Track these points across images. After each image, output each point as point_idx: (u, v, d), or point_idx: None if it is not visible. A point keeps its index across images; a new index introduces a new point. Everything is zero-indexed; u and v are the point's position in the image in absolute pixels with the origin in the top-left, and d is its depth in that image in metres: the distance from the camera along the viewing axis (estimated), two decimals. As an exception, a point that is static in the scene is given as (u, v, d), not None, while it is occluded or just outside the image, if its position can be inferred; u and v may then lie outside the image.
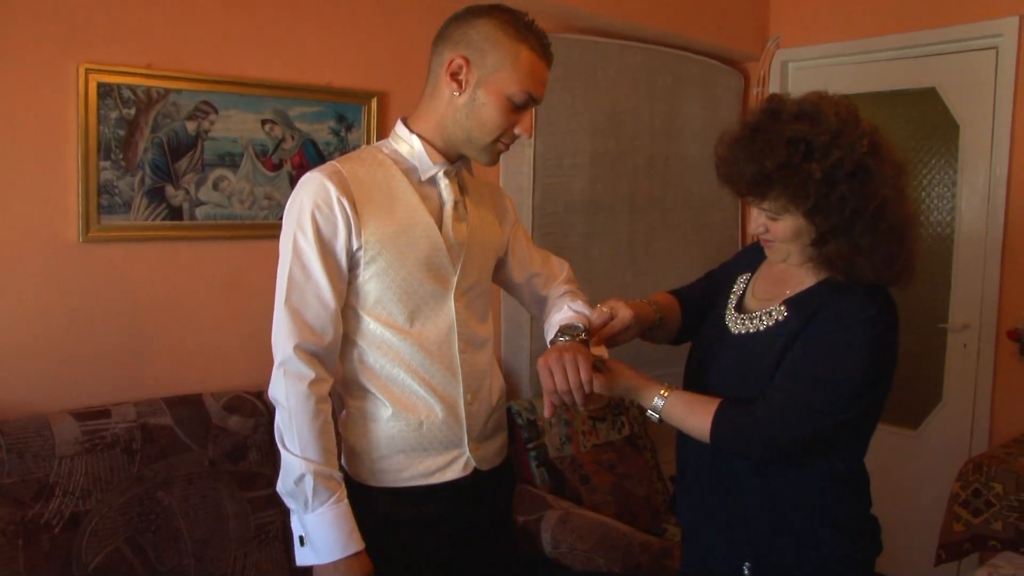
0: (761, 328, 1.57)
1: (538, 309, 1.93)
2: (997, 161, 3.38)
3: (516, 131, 1.61)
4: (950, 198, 3.57)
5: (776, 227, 1.51)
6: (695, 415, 1.53)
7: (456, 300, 1.66)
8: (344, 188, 1.55)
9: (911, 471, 3.64)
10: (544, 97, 1.63)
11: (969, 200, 3.50)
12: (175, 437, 2.25)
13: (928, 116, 3.61)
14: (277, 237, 1.60)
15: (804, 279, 1.57)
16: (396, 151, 1.66)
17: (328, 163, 1.61)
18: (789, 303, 1.55)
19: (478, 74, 1.56)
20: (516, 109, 1.58)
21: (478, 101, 1.57)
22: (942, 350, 3.59)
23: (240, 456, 2.34)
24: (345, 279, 1.58)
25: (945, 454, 3.51)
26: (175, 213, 2.41)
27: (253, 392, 2.45)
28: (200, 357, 2.50)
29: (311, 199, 1.54)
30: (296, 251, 1.54)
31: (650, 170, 3.67)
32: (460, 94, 1.58)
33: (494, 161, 1.67)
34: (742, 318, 1.62)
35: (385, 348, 1.62)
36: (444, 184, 1.66)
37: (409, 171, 1.64)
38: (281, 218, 1.60)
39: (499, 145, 1.63)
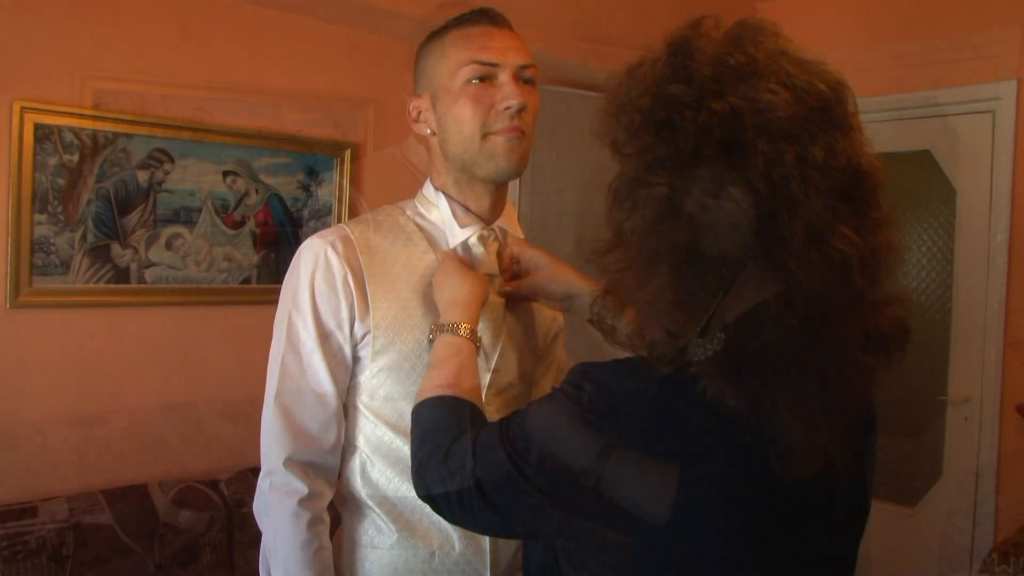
0: None
1: None
2: (997, 227, 3.33)
3: (501, 106, 1.32)
4: (947, 264, 3.50)
5: None
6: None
7: (487, 403, 1.35)
8: (351, 259, 1.30)
9: (907, 551, 3.51)
10: (513, 59, 1.34)
11: (967, 267, 3.44)
12: (115, 538, 2.05)
13: (922, 180, 3.57)
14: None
15: None
16: (421, 214, 1.41)
17: (336, 226, 1.37)
18: None
19: (429, 94, 1.36)
20: (482, 82, 1.32)
21: (441, 111, 1.34)
22: (942, 423, 3.49)
23: (191, 558, 2.14)
24: (349, 370, 1.33)
25: (945, 534, 3.41)
26: (121, 275, 2.28)
27: (206, 482, 2.25)
28: (147, 441, 2.32)
29: (309, 271, 1.30)
30: (291, 335, 1.30)
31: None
32: (430, 125, 1.36)
33: (511, 163, 1.34)
34: None
35: (393, 458, 1.33)
36: (478, 252, 1.39)
37: (435, 241, 1.39)
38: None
39: (496, 139, 1.33)
